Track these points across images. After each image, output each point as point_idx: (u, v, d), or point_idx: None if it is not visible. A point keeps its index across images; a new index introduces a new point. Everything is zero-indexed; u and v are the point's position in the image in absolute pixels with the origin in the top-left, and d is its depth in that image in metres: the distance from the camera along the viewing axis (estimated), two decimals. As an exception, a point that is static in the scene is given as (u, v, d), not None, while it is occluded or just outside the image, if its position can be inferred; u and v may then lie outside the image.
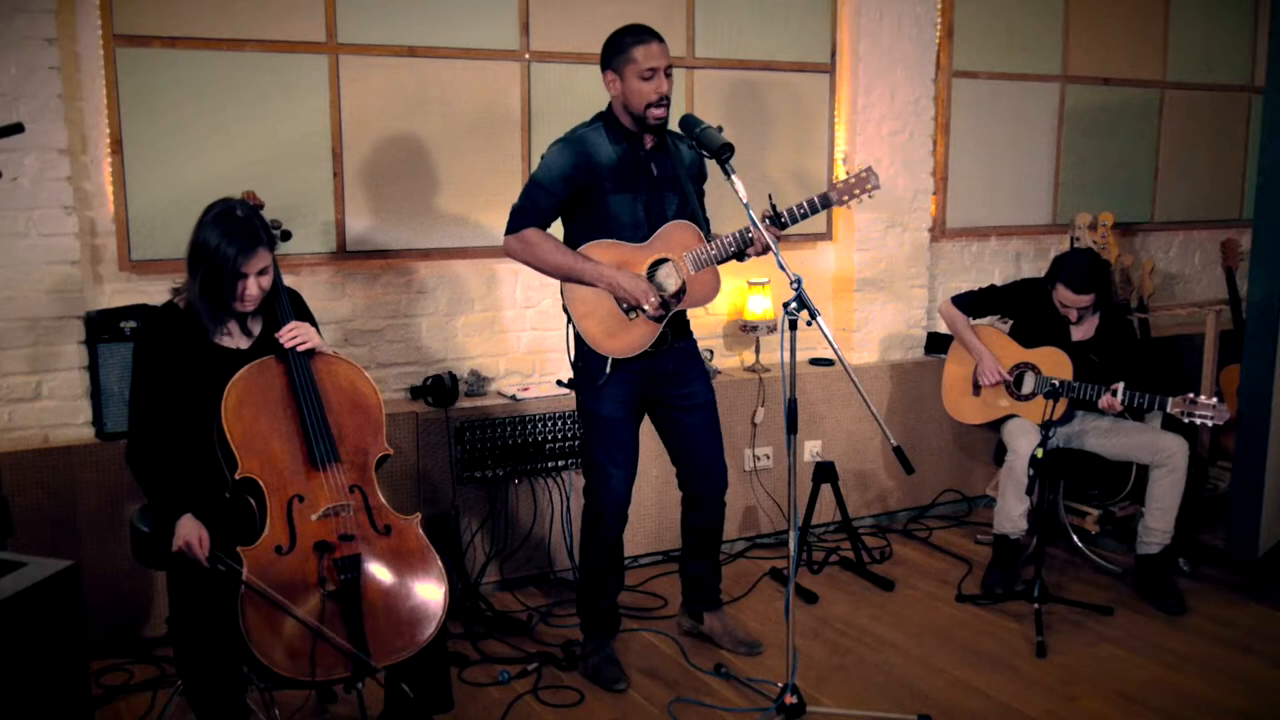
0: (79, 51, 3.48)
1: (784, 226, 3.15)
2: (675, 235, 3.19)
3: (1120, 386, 3.82)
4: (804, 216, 3.18)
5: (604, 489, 3.30)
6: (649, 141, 3.21)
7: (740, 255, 3.23)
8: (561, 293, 3.22)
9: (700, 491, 3.47)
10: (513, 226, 3.18)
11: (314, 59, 3.79)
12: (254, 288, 2.66)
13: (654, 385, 3.31)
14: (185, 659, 2.57)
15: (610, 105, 3.21)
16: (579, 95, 4.15)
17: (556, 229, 3.26)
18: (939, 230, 5.06)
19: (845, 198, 3.24)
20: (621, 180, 3.17)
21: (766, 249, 3.07)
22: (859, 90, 4.67)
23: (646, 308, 3.13)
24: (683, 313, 3.33)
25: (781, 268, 2.86)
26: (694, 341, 3.42)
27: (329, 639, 2.47)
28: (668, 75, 3.10)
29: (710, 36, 4.43)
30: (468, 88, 4.03)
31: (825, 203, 3.22)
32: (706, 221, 3.34)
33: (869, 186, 3.24)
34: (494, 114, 4.09)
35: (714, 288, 3.26)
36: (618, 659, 3.41)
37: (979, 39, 5.03)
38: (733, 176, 2.90)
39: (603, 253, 3.17)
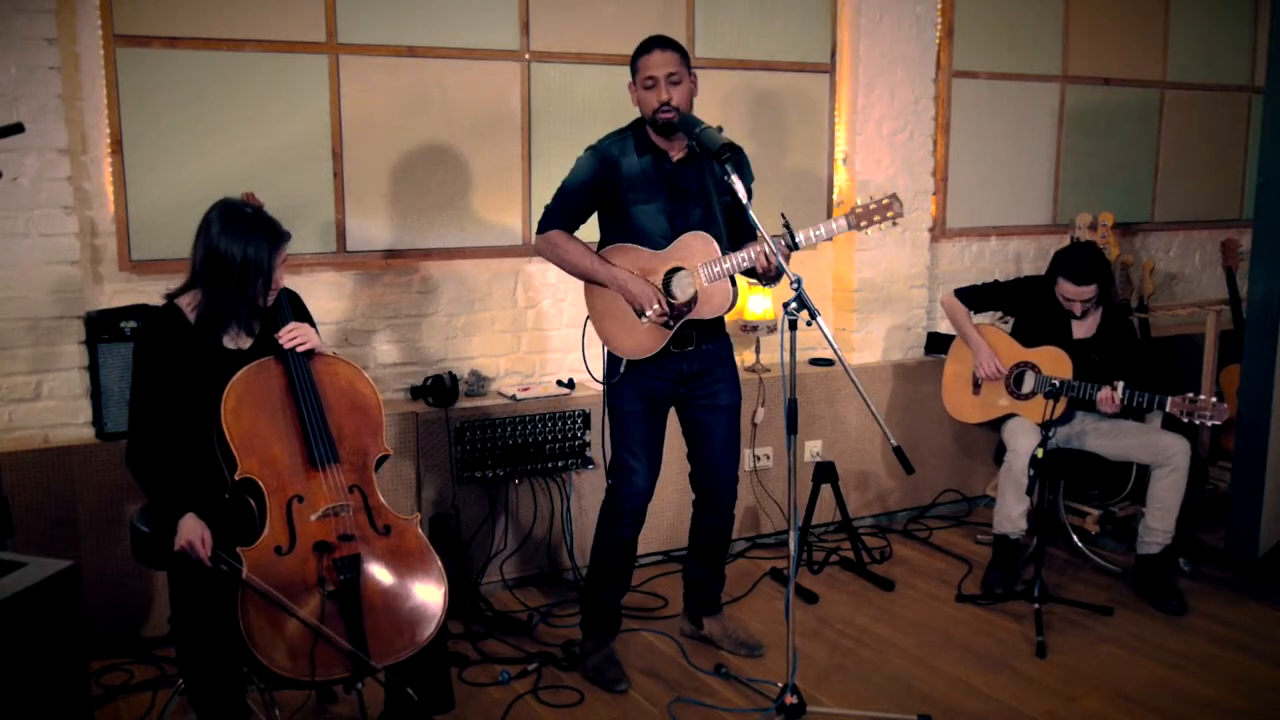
0: (79, 51, 3.48)
1: (797, 248, 3.13)
2: (691, 246, 3.19)
3: (1121, 385, 3.81)
4: (819, 240, 3.13)
5: (624, 484, 3.31)
6: (676, 153, 3.22)
7: (757, 275, 3.17)
8: (584, 293, 3.30)
9: (708, 494, 3.47)
10: (541, 227, 3.28)
11: (314, 59, 3.79)
12: (281, 277, 2.72)
13: (678, 384, 3.33)
14: (186, 659, 2.58)
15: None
16: (579, 95, 4.15)
17: (592, 229, 3.31)
18: (939, 230, 5.06)
19: (863, 223, 3.15)
20: (645, 191, 3.20)
21: (772, 273, 3.05)
22: (859, 90, 4.67)
23: (650, 314, 3.15)
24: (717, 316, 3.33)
25: (782, 268, 2.87)
26: (728, 344, 3.42)
27: (329, 638, 2.48)
28: (673, 82, 3.11)
29: (710, 36, 4.43)
30: (468, 88, 4.03)
31: (844, 227, 3.14)
32: (755, 229, 3.32)
33: (891, 214, 3.14)
34: (494, 114, 4.09)
35: (726, 299, 3.22)
36: (618, 659, 3.41)
37: (979, 39, 5.03)
38: (732, 177, 2.90)
39: (622, 257, 3.22)
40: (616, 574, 3.40)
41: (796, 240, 3.09)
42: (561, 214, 3.25)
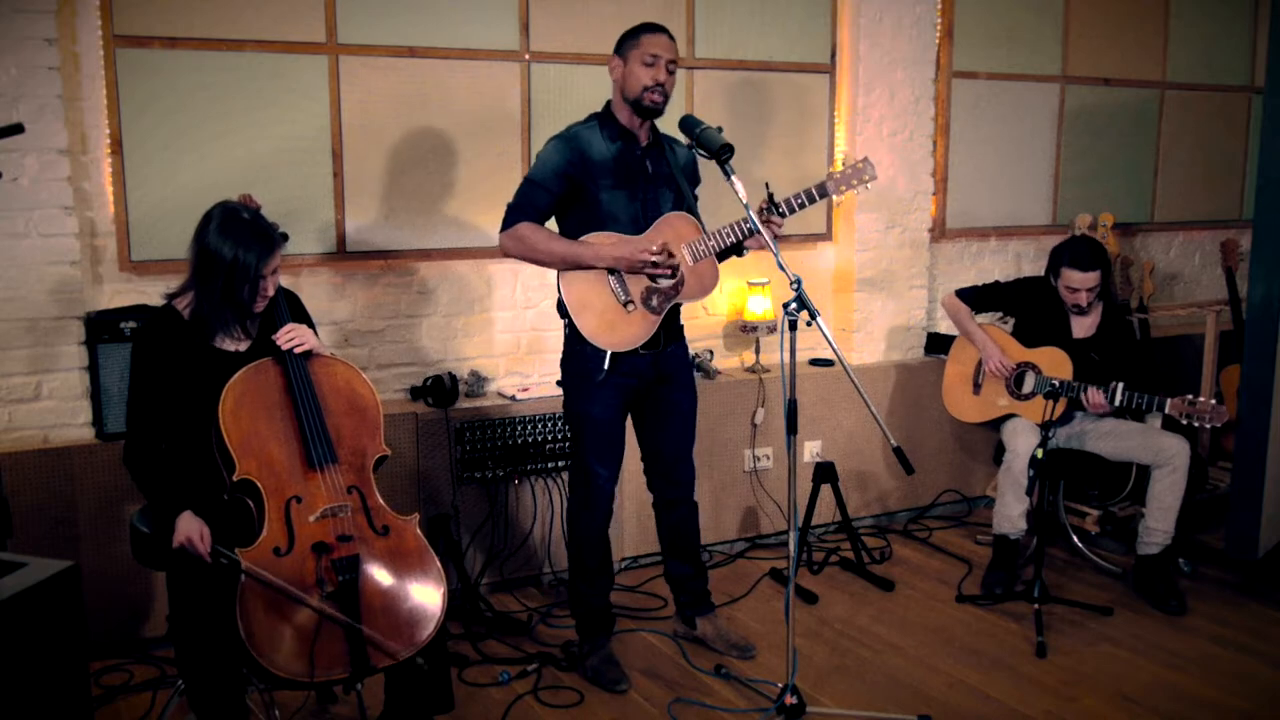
0: (79, 52, 3.48)
1: (783, 216, 3.15)
2: (673, 227, 3.19)
3: (1120, 386, 3.81)
4: (801, 206, 3.19)
5: (592, 488, 3.31)
6: (644, 138, 3.21)
7: (739, 249, 3.25)
8: (558, 288, 3.20)
9: (665, 494, 3.49)
10: (507, 223, 3.18)
11: (314, 59, 3.79)
12: (271, 287, 2.70)
13: (644, 386, 3.32)
14: (186, 659, 2.58)
15: (608, 103, 3.22)
16: (579, 95, 4.15)
17: (552, 227, 3.27)
18: (939, 230, 5.06)
19: (842, 188, 3.24)
20: (616, 177, 3.18)
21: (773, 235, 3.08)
22: (859, 90, 4.67)
23: (653, 259, 3.09)
24: (677, 317, 3.33)
25: (781, 268, 2.87)
26: (686, 347, 3.43)
27: (332, 616, 2.48)
28: (670, 71, 3.11)
29: (710, 36, 4.43)
30: (468, 88, 4.03)
31: (822, 193, 3.22)
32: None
33: (865, 177, 3.24)
34: (494, 114, 4.09)
35: (712, 280, 3.25)
36: (617, 659, 3.41)
37: (979, 39, 5.03)
38: (732, 177, 2.91)
39: (601, 243, 3.17)
40: (598, 571, 3.40)
41: (779, 208, 3.12)
42: (530, 207, 3.15)
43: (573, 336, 3.22)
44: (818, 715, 3.11)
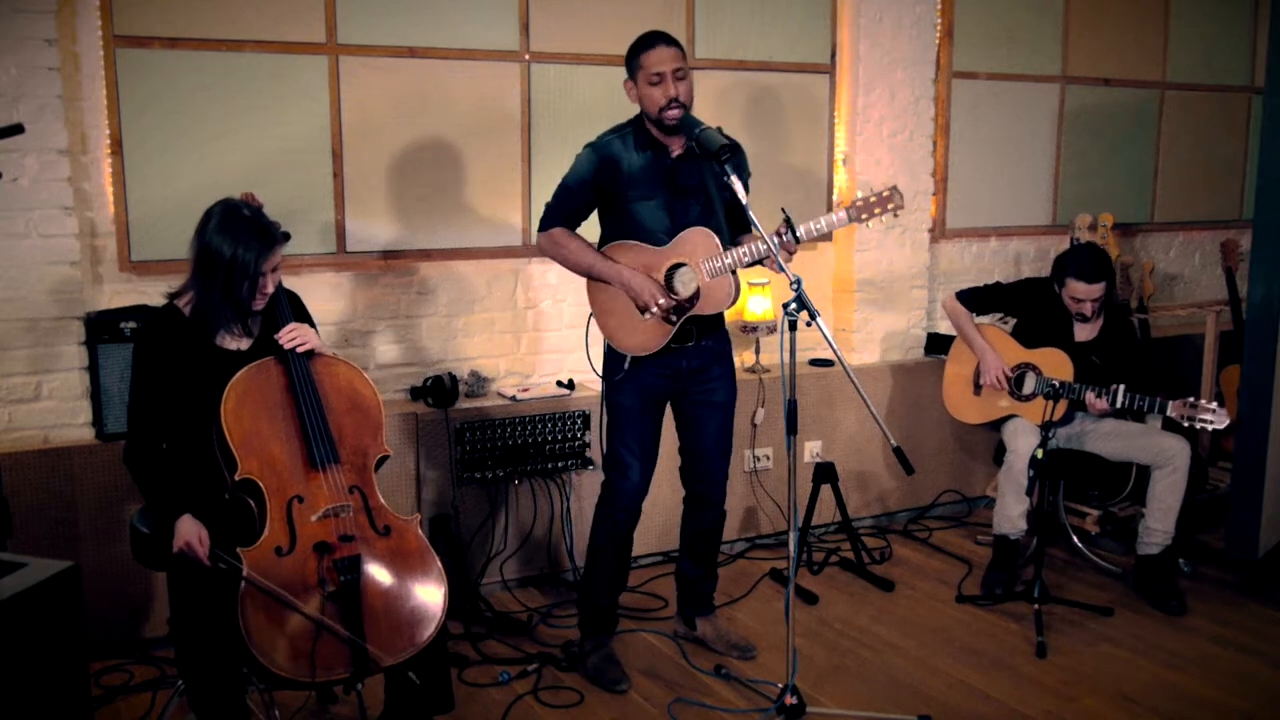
0: (79, 52, 3.48)
1: (798, 241, 3.13)
2: (694, 241, 3.20)
3: (1121, 389, 3.81)
4: (819, 232, 3.15)
5: (619, 478, 3.33)
6: (676, 149, 3.22)
7: (762, 262, 3.23)
8: (586, 291, 3.30)
9: (697, 492, 3.49)
10: (543, 225, 3.30)
11: (314, 59, 3.79)
12: (270, 284, 2.70)
13: (677, 380, 3.35)
14: (186, 659, 2.58)
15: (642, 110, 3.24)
16: (579, 96, 4.15)
17: (593, 227, 3.32)
18: (939, 231, 5.06)
19: (864, 215, 3.13)
20: (645, 186, 3.21)
21: (788, 258, 3.06)
22: (859, 90, 4.67)
23: (655, 310, 3.17)
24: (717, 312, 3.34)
25: (781, 269, 2.87)
26: (726, 340, 3.44)
27: (331, 629, 2.48)
28: (679, 78, 3.11)
29: (710, 37, 4.43)
30: (468, 88, 4.03)
31: (844, 220, 3.15)
32: (754, 227, 3.33)
33: (891, 206, 3.13)
34: (494, 114, 4.09)
35: (729, 294, 3.22)
36: (618, 659, 3.41)
37: (979, 39, 5.03)
38: (732, 177, 2.91)
39: (625, 254, 3.23)
40: (613, 571, 3.41)
41: (798, 234, 3.10)
42: (562, 212, 3.27)
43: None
44: (818, 715, 3.11)
